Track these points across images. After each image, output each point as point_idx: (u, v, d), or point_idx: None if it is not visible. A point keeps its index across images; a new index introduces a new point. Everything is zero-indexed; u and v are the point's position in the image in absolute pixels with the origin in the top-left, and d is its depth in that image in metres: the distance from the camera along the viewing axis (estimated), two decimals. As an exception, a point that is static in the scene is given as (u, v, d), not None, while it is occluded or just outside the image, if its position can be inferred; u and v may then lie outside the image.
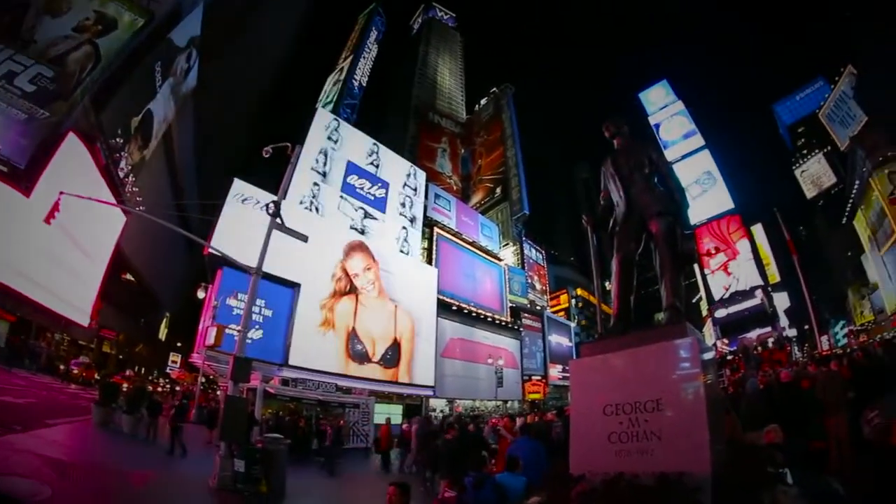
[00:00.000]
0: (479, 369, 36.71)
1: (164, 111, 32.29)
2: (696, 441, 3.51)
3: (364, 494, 12.48)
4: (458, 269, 40.07)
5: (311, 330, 23.97)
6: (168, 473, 11.14)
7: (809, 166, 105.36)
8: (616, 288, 4.78)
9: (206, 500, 9.51)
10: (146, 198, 30.61)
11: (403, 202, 35.05)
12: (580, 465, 3.75)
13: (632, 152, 5.30)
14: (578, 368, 4.49)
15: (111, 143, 25.66)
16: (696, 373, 3.70)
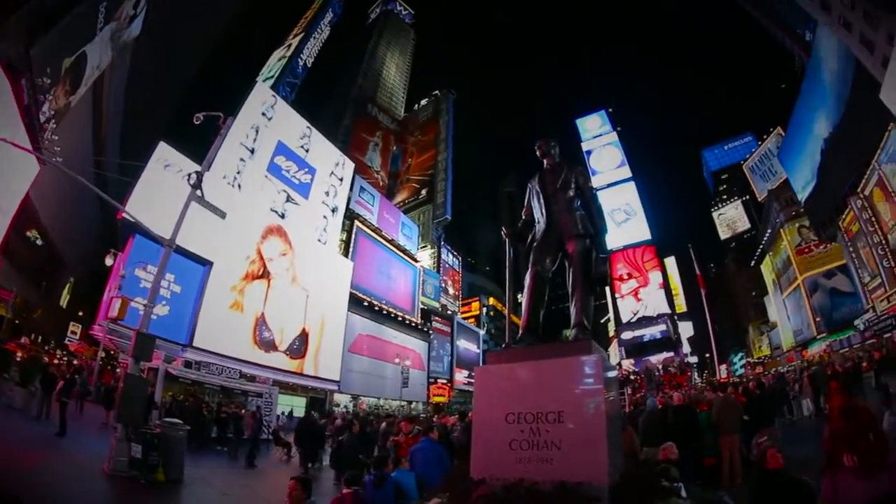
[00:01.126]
0: (386, 368, 36.51)
1: (100, 57, 29.29)
2: (594, 453, 3.64)
3: (264, 487, 11.95)
4: (374, 266, 39.72)
5: (220, 312, 22.69)
6: (59, 456, 10.07)
7: (727, 211, 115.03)
8: (527, 301, 4.86)
9: (98, 486, 8.66)
10: (65, 149, 27.53)
11: (328, 191, 34.19)
12: (481, 470, 3.79)
13: (559, 173, 5.39)
14: (484, 375, 4.56)
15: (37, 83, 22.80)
16: (598, 389, 3.84)
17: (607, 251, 5.20)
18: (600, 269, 4.95)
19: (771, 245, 70.37)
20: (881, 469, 2.93)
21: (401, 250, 44.87)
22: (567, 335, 4.78)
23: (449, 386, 44.72)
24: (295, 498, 4.58)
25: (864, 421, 3.17)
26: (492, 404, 4.09)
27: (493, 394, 4.17)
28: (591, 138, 72.08)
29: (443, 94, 59.91)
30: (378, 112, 60.73)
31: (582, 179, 5.40)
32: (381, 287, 39.87)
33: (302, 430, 14.50)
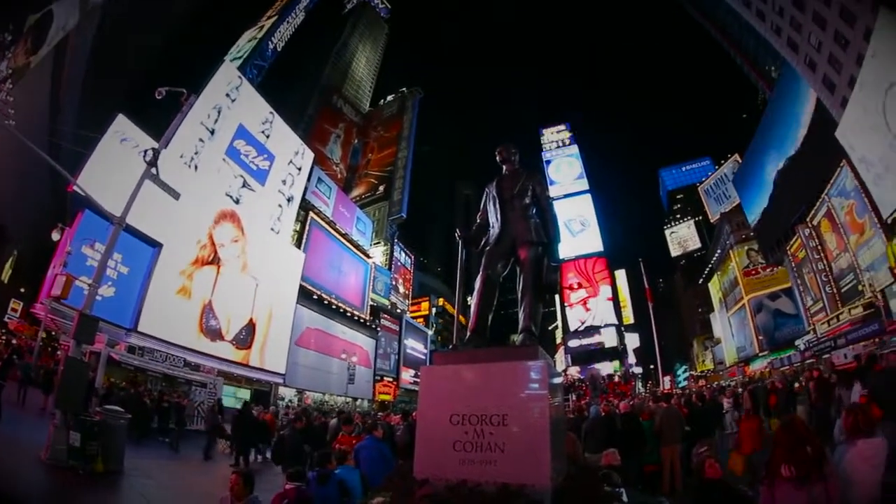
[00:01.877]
0: (333, 363, 36.00)
1: (66, 17, 27.47)
2: (537, 456, 3.67)
3: (206, 480, 11.58)
4: (326, 259, 39.10)
5: (167, 296, 21.71)
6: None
7: (679, 229, 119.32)
8: (476, 304, 4.84)
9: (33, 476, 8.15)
10: (19, 111, 25.58)
11: (285, 179, 33.40)
12: (424, 470, 3.79)
13: (517, 180, 5.42)
14: (430, 375, 4.51)
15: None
16: (542, 394, 3.87)
17: (559, 260, 5.20)
18: (551, 277, 5.00)
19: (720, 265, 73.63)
20: (818, 480, 3.07)
21: (354, 245, 44.35)
22: (514, 340, 4.81)
23: (395, 384, 44.50)
24: (236, 493, 4.51)
25: (802, 434, 3.28)
26: (436, 405, 4.08)
27: (438, 394, 4.16)
28: (552, 148, 73.51)
29: (410, 91, 59.63)
30: (343, 104, 59.74)
31: (539, 188, 5.45)
32: (332, 281, 39.28)
33: (239, 422, 14.11)
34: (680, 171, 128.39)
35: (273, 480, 9.51)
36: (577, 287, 65.03)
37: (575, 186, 70.48)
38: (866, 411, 3.80)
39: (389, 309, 48.66)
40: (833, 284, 41.32)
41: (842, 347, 37.36)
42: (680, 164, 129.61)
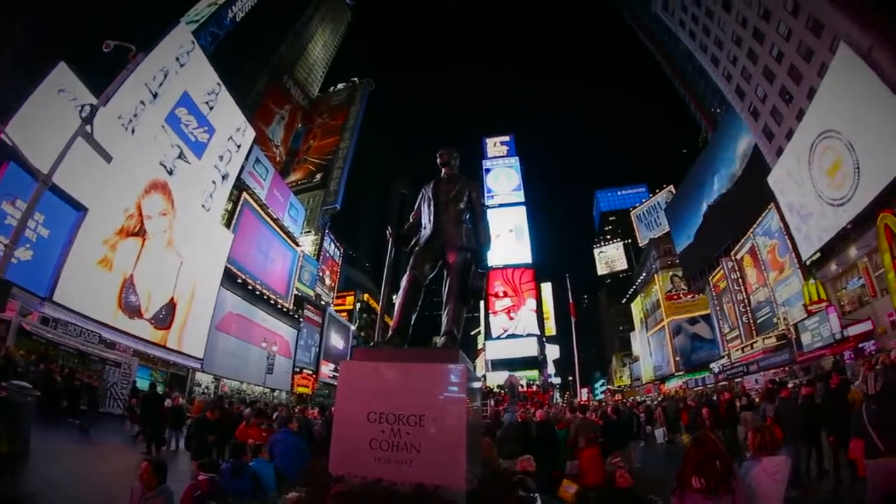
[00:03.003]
0: (252, 351, 34.64)
1: None
2: (453, 459, 3.71)
3: (116, 466, 10.77)
4: (254, 243, 37.65)
5: (87, 266, 19.94)
6: None
7: (608, 250, 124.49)
8: (401, 303, 4.84)
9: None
10: None
11: (223, 155, 31.82)
12: (340, 466, 3.74)
13: (455, 184, 5.45)
14: (349, 371, 4.46)
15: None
16: (461, 397, 3.91)
17: (487, 267, 5.26)
18: (477, 282, 5.01)
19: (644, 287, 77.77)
20: (726, 493, 3.28)
21: (284, 232, 42.98)
22: (436, 342, 4.81)
23: (314, 377, 43.45)
24: (146, 481, 4.35)
25: (712, 449, 3.45)
26: (354, 401, 4.01)
27: (356, 390, 4.09)
28: (493, 157, 74.50)
29: (361, 82, 58.58)
30: (293, 85, 57.46)
31: (475, 194, 5.47)
32: (258, 266, 37.85)
33: (146, 406, 13.30)
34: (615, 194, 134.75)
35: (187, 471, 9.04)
36: (503, 295, 66.10)
37: (511, 197, 71.70)
38: (772, 431, 4.04)
39: (314, 300, 47.49)
40: (750, 315, 44.86)
41: (753, 373, 40.63)
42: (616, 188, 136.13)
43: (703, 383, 52.65)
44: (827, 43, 31.30)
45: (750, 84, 41.62)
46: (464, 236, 5.14)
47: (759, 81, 40.10)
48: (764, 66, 39.06)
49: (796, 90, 35.72)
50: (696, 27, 48.75)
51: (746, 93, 42.44)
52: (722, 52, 45.04)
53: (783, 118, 37.99)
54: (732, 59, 43.58)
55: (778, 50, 36.91)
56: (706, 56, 48.28)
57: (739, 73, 42.87)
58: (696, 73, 68.04)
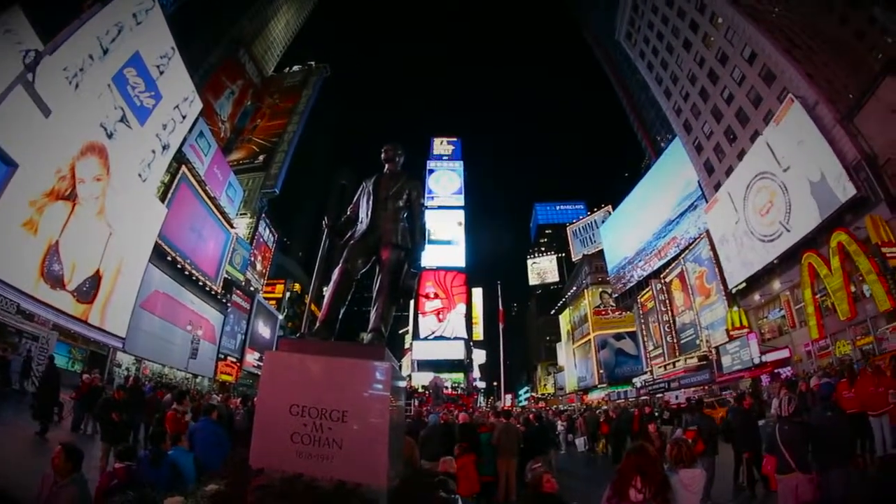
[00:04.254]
0: (177, 334, 32.70)
1: None
2: (375, 456, 3.73)
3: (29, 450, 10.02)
4: (188, 220, 35.71)
5: (11, 228, 17.91)
6: None
7: (541, 261, 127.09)
8: (331, 296, 4.81)
9: None
10: None
11: (166, 124, 29.89)
12: (261, 459, 3.66)
13: (396, 181, 5.47)
14: (274, 361, 4.39)
15: None
16: (385, 395, 3.92)
17: (420, 268, 5.27)
18: (408, 282, 5.03)
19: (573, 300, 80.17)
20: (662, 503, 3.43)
21: (220, 211, 41.00)
22: (363, 338, 4.81)
23: (238, 365, 41.62)
24: (59, 469, 4.09)
25: (651, 459, 3.56)
26: (278, 392, 3.93)
27: (280, 382, 4.03)
28: (438, 159, 74.65)
29: (318, 67, 56.81)
30: (248, 61, 54.38)
31: (415, 194, 5.51)
32: (190, 245, 35.90)
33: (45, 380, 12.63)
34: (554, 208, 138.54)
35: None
36: (434, 297, 66.30)
37: (451, 200, 72.17)
38: (689, 445, 4.23)
39: (243, 285, 45.61)
40: (674, 335, 47.42)
41: (675, 390, 42.96)
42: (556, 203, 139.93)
43: (625, 397, 55.25)
44: (776, 92, 33.78)
45: (698, 120, 44.15)
46: (399, 234, 5.15)
47: (707, 119, 42.64)
48: (714, 105, 41.57)
49: (741, 131, 38.26)
50: (655, 60, 51.22)
51: (693, 128, 44.97)
52: (676, 86, 47.54)
53: (725, 156, 40.55)
54: (685, 94, 46.08)
55: (729, 92, 39.43)
56: (660, 88, 50.80)
57: (689, 109, 45.39)
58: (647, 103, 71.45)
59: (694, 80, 44.17)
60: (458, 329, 65.28)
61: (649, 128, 76.58)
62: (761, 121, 35.13)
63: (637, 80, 68.51)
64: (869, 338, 26.55)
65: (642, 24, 52.25)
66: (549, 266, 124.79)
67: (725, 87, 39.75)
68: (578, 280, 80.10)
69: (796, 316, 32.51)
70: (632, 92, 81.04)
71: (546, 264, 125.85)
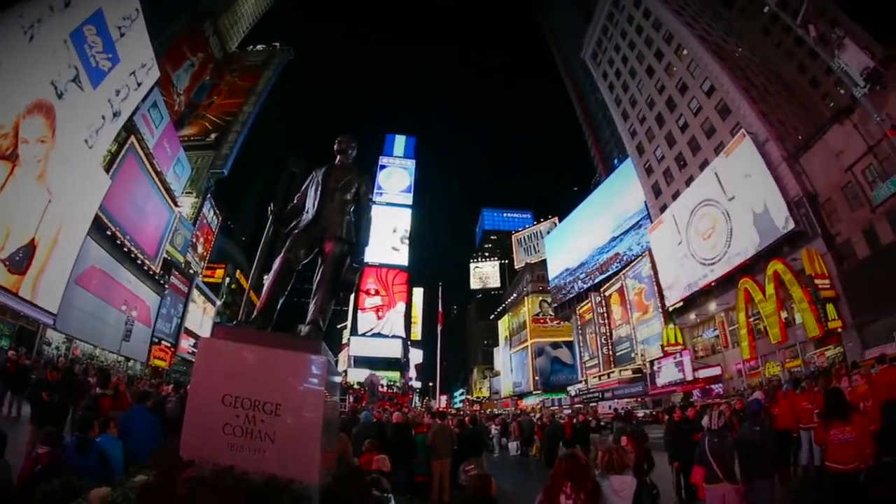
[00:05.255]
0: (111, 314, 30.71)
1: None
2: (307, 451, 3.70)
3: None
4: (131, 194, 33.61)
5: (-55, 184, 16.43)
6: None
7: (484, 266, 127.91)
8: (270, 285, 4.76)
9: None
10: None
11: (120, 90, 28.03)
12: (192, 450, 3.56)
13: (346, 174, 5.45)
14: (209, 349, 4.33)
15: None
16: (319, 390, 3.90)
17: (362, 262, 5.28)
18: (350, 276, 5.03)
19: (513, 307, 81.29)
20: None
21: (165, 188, 38.84)
22: (300, 329, 4.74)
23: (172, 351, 39.51)
24: None
25: (584, 467, 3.66)
26: (211, 381, 3.84)
27: (214, 370, 3.91)
28: (392, 156, 74.22)
29: (282, 49, 54.85)
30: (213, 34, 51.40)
31: (364, 188, 5.53)
32: (131, 220, 33.79)
33: None
34: (501, 215, 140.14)
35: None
36: (374, 293, 65.91)
37: (399, 198, 71.99)
38: (620, 452, 4.30)
39: (182, 267, 43.46)
40: (610, 347, 49.03)
41: (608, 400, 44.31)
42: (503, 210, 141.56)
43: (560, 404, 56.58)
44: (730, 126, 35.59)
45: (651, 144, 45.90)
46: (344, 227, 5.13)
47: (661, 144, 44.37)
48: (668, 131, 43.30)
49: (692, 159, 40.05)
50: (616, 82, 52.91)
51: (646, 150, 46.72)
52: (634, 109, 49.25)
53: (674, 180, 42.32)
54: (641, 118, 47.80)
55: (685, 121, 41.17)
56: (618, 109, 52.50)
57: (644, 132, 47.13)
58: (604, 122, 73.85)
59: (652, 106, 45.92)
60: (397, 327, 65.11)
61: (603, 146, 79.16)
62: (712, 151, 36.90)
63: (597, 98, 70.62)
64: (797, 361, 28.47)
65: (609, 46, 53.94)
66: (492, 271, 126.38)
67: (682, 115, 41.51)
68: (519, 287, 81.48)
69: (729, 337, 34.49)
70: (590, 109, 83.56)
71: (489, 269, 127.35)
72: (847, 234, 27.21)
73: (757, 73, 40.29)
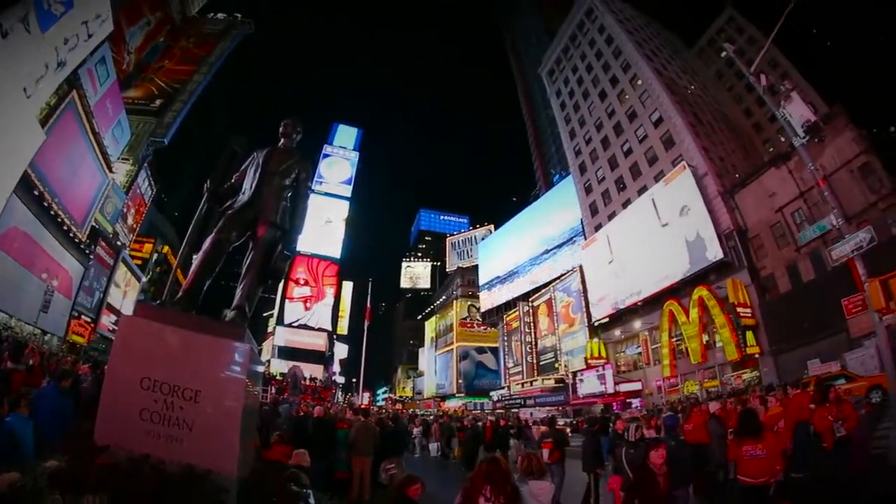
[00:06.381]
0: (30, 281, 28.15)
1: None
2: (225, 442, 3.62)
3: None
4: (66, 154, 31.06)
5: None
6: None
7: (416, 266, 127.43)
8: (199, 265, 4.63)
9: None
10: None
11: (69, 39, 25.78)
12: (107, 434, 3.40)
13: (288, 159, 5.37)
14: (130, 327, 4.12)
15: None
16: (241, 378, 3.82)
17: (294, 251, 5.24)
18: (280, 263, 4.98)
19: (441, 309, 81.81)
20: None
21: (101, 151, 36.02)
22: (226, 314, 4.69)
23: (92, 327, 36.60)
24: None
25: (500, 470, 3.71)
26: (130, 362, 3.68)
27: (134, 351, 3.74)
28: (336, 146, 73.04)
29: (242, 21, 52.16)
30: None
31: (304, 175, 5.51)
32: (62, 182, 31.14)
33: None
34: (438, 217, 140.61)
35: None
36: (304, 284, 64.85)
37: (339, 190, 71.23)
38: (539, 458, 4.37)
39: (110, 238, 40.49)
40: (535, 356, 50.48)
41: (530, 407, 45.53)
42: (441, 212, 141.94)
43: (482, 408, 57.60)
44: (672, 157, 37.68)
45: (594, 165, 47.78)
46: (280, 213, 5.11)
47: (603, 165, 46.29)
48: (612, 154, 45.25)
49: (631, 184, 42.03)
50: (569, 101, 54.63)
51: (588, 170, 48.61)
52: (581, 129, 51.04)
53: (611, 201, 44.31)
54: (588, 138, 49.63)
55: (629, 147, 43.13)
56: (567, 127, 54.28)
57: (589, 153, 48.99)
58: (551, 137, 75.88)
59: (600, 128, 47.91)
60: (324, 320, 64.33)
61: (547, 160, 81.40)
62: (652, 178, 39.03)
63: (548, 114, 72.56)
64: (715, 381, 30.75)
65: (567, 65, 55.63)
66: (423, 272, 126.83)
67: (627, 140, 43.59)
68: (449, 290, 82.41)
69: (652, 354, 36.63)
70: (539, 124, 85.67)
71: (420, 270, 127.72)
72: (771, 269, 29.66)
73: (705, 111, 42.91)
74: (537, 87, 75.53)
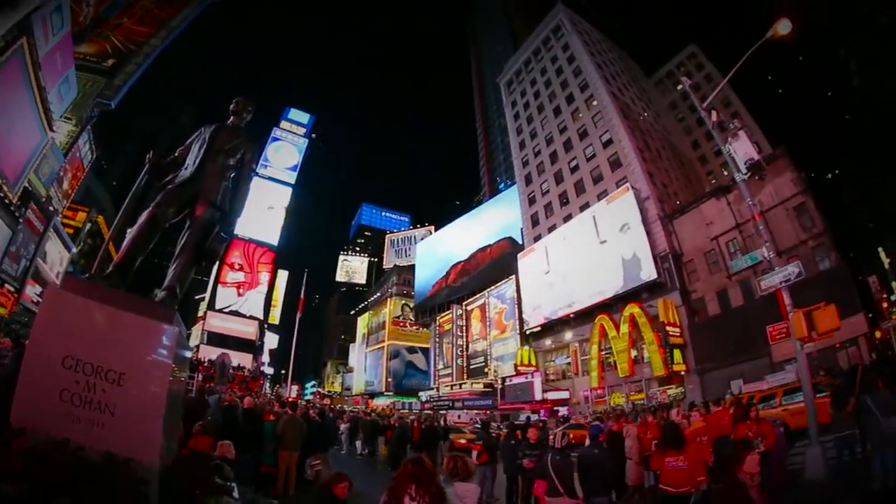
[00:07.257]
0: (-47, 241, 26.33)
1: None
2: (148, 430, 3.50)
3: None
4: (5, 106, 28.84)
5: None
6: None
7: (352, 261, 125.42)
8: (132, 240, 4.48)
9: None
10: None
11: (26, -20, 24.57)
12: (24, 416, 3.23)
13: (235, 138, 5.29)
14: (55, 300, 3.89)
15: None
16: (167, 363, 3.70)
17: (231, 234, 5.18)
18: (215, 245, 4.85)
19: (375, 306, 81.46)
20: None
21: (44, 107, 33.75)
22: (156, 294, 4.53)
23: (15, 297, 34.23)
24: None
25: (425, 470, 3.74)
26: (53, 338, 3.51)
27: (57, 325, 3.57)
28: (285, 130, 71.61)
29: (208, -9, 50.46)
30: None
31: (249, 156, 5.40)
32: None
33: None
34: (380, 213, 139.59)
35: None
36: (238, 269, 62.96)
37: (284, 175, 69.75)
38: (465, 459, 4.38)
39: (42, 202, 38.18)
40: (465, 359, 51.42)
41: (458, 409, 46.39)
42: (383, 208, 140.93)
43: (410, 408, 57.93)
44: (617, 178, 39.54)
45: (540, 177, 49.23)
46: (220, 193, 5.00)
47: (549, 179, 47.82)
48: (559, 169, 46.79)
49: (575, 199, 43.73)
50: (523, 113, 56.09)
51: (533, 182, 50.04)
52: (532, 142, 52.46)
53: (553, 214, 45.81)
54: (537, 151, 51.06)
55: (577, 164, 44.77)
56: (518, 138, 55.66)
57: (536, 165, 50.42)
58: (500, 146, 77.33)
59: (550, 142, 49.26)
60: (256, 308, 62.60)
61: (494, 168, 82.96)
62: (595, 196, 40.71)
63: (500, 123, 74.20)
64: (641, 394, 32.35)
65: (527, 78, 57.19)
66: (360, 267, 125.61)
67: (575, 157, 45.13)
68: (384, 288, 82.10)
69: (581, 365, 38.08)
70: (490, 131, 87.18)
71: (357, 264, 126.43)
72: (702, 293, 31.76)
73: (654, 138, 45.43)
74: (493, 94, 76.89)
